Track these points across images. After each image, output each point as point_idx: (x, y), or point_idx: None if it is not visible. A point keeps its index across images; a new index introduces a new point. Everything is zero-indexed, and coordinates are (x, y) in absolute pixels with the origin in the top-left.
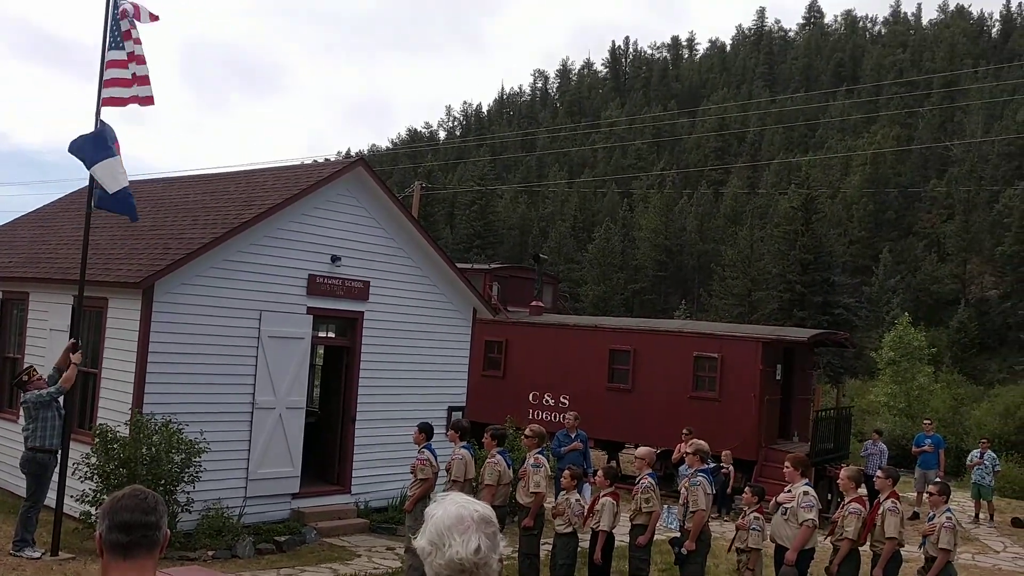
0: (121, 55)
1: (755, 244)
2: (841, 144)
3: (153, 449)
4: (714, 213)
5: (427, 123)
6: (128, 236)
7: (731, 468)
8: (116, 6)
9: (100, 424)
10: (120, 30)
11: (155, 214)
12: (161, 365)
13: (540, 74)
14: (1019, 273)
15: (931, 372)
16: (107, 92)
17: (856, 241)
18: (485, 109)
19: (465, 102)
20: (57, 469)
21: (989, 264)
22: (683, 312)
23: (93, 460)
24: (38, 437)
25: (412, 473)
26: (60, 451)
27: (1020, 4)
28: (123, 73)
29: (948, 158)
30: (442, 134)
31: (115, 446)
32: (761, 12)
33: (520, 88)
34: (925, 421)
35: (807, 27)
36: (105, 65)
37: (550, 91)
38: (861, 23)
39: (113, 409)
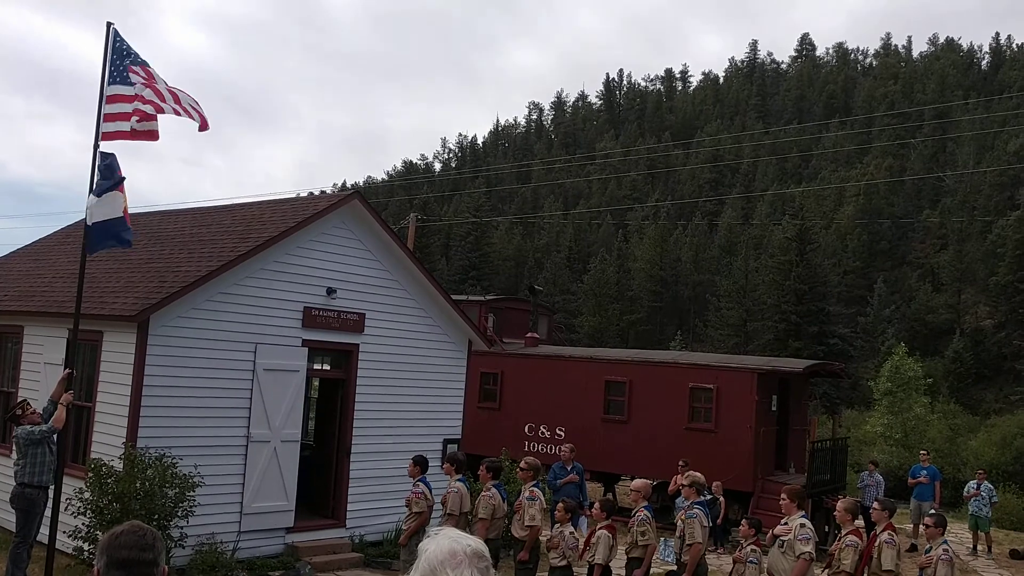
0: (128, 90)
1: (750, 275)
2: (834, 175)
3: (147, 483)
4: (709, 244)
5: (423, 155)
6: (124, 269)
7: (722, 499)
8: (118, 40)
9: (94, 458)
10: (126, 66)
11: (151, 247)
12: (156, 399)
13: (535, 106)
14: (1013, 303)
15: (927, 403)
16: (107, 127)
17: (850, 271)
18: (480, 141)
19: (460, 134)
20: (50, 505)
21: (983, 294)
22: (679, 343)
23: (87, 495)
24: (27, 473)
25: (407, 506)
26: (52, 487)
27: (1009, 36)
28: (126, 108)
29: (941, 188)
30: (437, 166)
31: (109, 480)
32: (753, 45)
33: (515, 120)
34: (921, 452)
35: (799, 59)
36: (106, 99)
37: (545, 123)
38: (852, 55)
39: (107, 443)
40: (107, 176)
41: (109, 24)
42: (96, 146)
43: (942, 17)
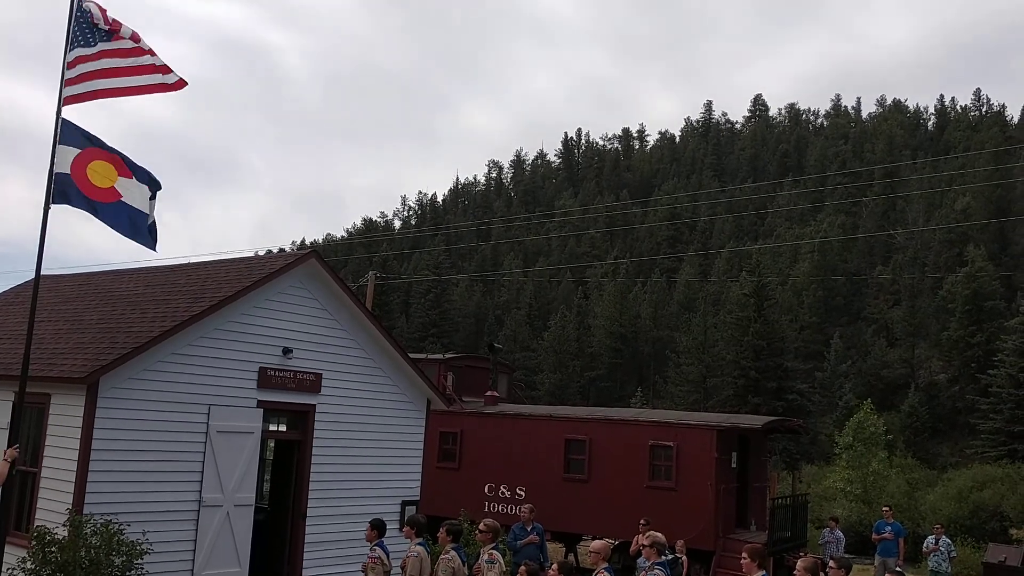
0: (90, 50)
1: (709, 331)
2: (789, 232)
3: (92, 552)
4: (668, 301)
5: (382, 213)
6: (74, 330)
7: (685, 558)
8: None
9: (38, 526)
10: (92, 29)
11: (102, 307)
12: (104, 463)
13: (494, 164)
14: (965, 358)
15: (885, 457)
16: (70, 90)
17: (807, 327)
18: (440, 199)
19: (420, 192)
20: None
21: (936, 348)
22: (639, 399)
23: (29, 565)
24: None
25: (363, 572)
26: None
27: (953, 99)
28: (92, 66)
29: (892, 245)
30: (397, 224)
31: (53, 549)
32: (708, 105)
33: (475, 178)
34: (884, 508)
35: (752, 119)
36: (67, 64)
37: (504, 181)
38: (804, 116)
39: (53, 510)
40: (67, 137)
41: None
42: (58, 113)
43: (889, 80)
